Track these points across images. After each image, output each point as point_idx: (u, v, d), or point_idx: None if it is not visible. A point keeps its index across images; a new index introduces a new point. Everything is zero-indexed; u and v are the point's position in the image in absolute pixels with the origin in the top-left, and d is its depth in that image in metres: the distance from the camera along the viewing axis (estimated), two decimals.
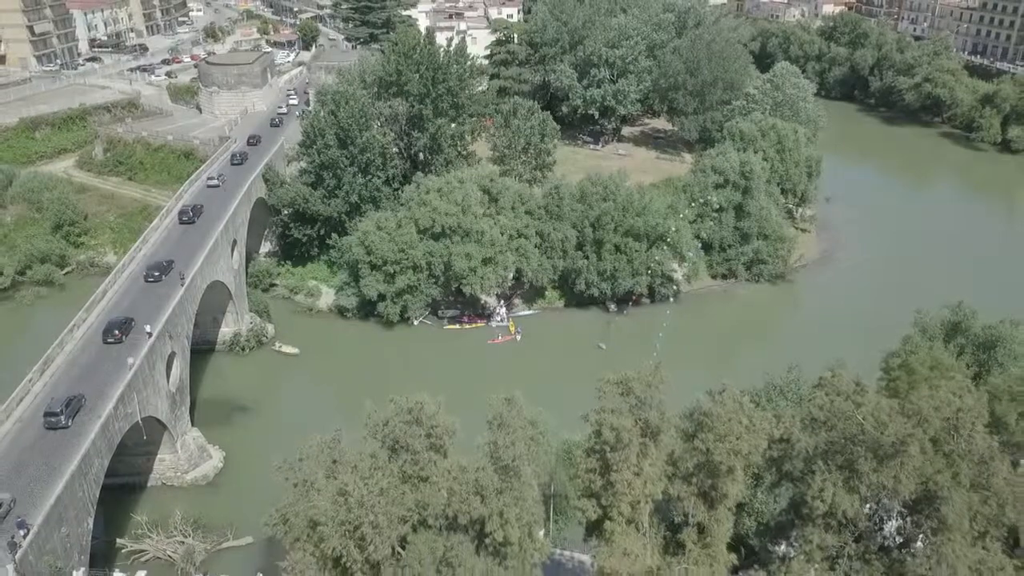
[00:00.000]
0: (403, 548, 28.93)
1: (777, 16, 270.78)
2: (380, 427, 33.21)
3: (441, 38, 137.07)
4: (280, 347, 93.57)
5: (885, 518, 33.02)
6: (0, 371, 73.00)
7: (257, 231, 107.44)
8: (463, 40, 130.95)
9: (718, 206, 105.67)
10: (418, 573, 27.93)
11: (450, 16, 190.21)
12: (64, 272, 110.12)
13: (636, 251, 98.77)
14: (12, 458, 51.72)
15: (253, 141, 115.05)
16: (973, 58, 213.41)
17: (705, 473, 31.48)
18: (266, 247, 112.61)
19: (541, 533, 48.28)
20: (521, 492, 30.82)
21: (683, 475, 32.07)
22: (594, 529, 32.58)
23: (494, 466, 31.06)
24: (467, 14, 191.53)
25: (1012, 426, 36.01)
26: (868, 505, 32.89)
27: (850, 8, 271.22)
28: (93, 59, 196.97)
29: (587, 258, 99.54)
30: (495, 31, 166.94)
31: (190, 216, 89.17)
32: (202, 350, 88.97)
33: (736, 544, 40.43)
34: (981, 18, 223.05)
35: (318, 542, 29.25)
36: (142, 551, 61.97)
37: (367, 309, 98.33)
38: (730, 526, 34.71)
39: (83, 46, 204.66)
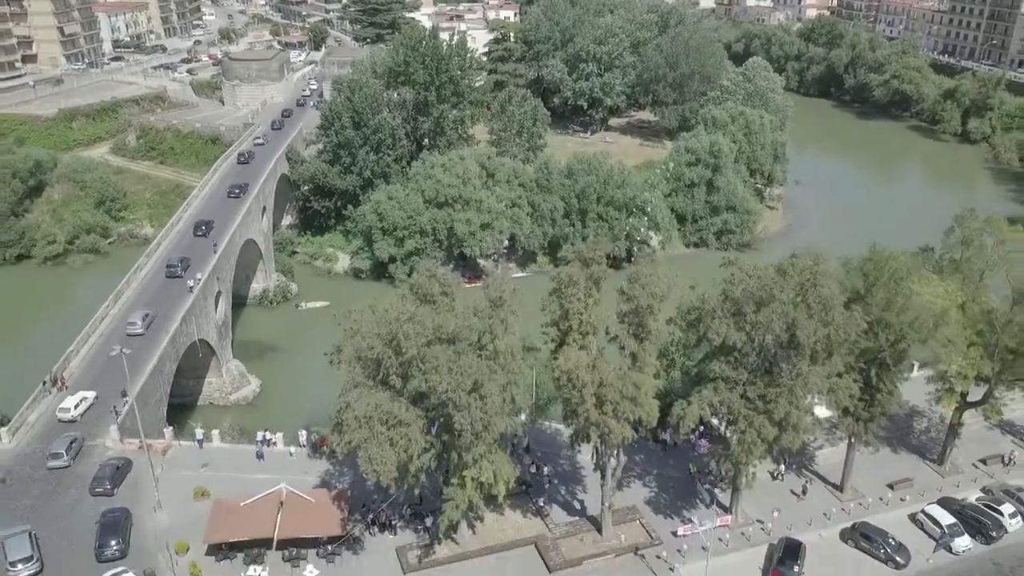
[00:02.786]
0: (423, 360, 42.03)
1: (763, 20, 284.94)
2: (412, 285, 46.97)
3: (443, 37, 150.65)
4: (306, 305, 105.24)
5: (766, 351, 46.18)
6: (63, 320, 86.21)
7: (280, 205, 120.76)
8: (464, 36, 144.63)
9: (689, 181, 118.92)
10: (434, 367, 41.01)
11: (451, 18, 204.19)
12: (108, 242, 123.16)
13: (616, 219, 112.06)
14: (102, 360, 64.83)
15: (286, 113, 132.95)
16: (942, 57, 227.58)
17: (634, 314, 44.52)
18: (287, 220, 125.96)
19: (523, 415, 61.76)
20: (507, 319, 44.00)
21: (619, 317, 45.20)
22: (556, 353, 45.62)
23: (489, 302, 44.35)
24: (467, 16, 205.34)
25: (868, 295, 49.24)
26: (754, 341, 45.94)
27: (832, 12, 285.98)
28: (117, 58, 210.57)
29: (573, 226, 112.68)
30: (492, 30, 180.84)
31: (246, 159, 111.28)
32: (236, 303, 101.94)
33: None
34: (950, 20, 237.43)
35: (365, 351, 42.33)
36: None
37: (379, 271, 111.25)
38: (655, 362, 47.98)
39: (107, 47, 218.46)
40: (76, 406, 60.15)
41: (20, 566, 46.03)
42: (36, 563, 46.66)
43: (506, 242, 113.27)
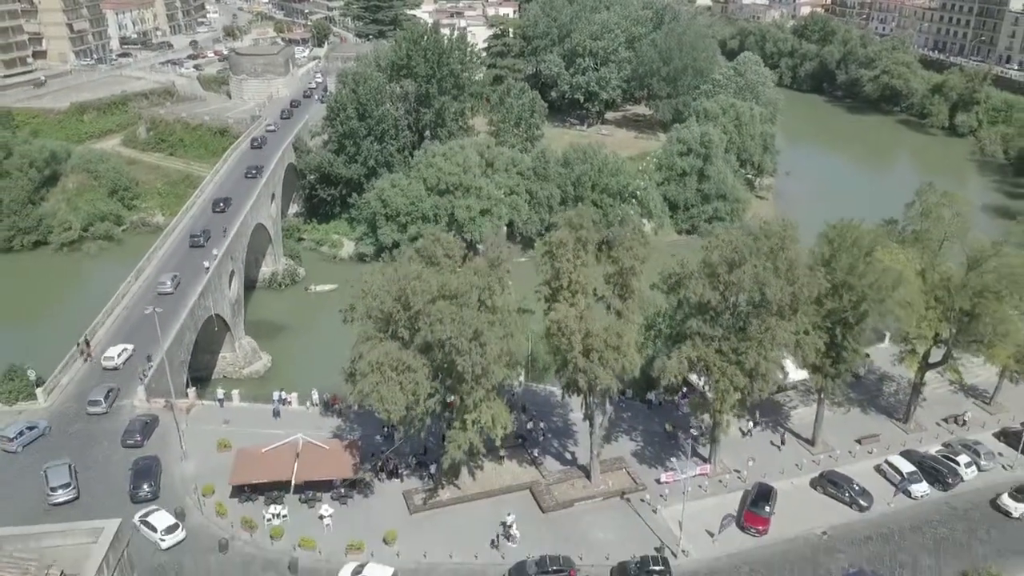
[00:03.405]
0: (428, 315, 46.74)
1: (758, 17, 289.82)
2: (419, 248, 51.89)
3: (443, 32, 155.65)
4: (315, 288, 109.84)
5: (738, 309, 50.98)
6: (81, 303, 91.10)
7: (287, 194, 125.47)
8: (464, 31, 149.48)
9: (681, 170, 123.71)
10: (439, 319, 45.66)
11: (451, 15, 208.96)
12: (121, 229, 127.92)
13: (611, 206, 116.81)
14: (134, 319, 69.98)
15: (295, 104, 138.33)
16: (932, 53, 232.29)
17: (619, 275, 49.26)
18: (294, 208, 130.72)
19: (521, 373, 66.58)
20: (502, 279, 48.77)
21: (605, 278, 49.92)
22: (548, 308, 50.39)
23: (487, 263, 49.21)
24: (467, 13, 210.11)
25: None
26: (728, 300, 50.62)
27: (826, 9, 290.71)
28: (124, 55, 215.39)
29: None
30: (492, 26, 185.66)
31: (259, 143, 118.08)
32: (246, 286, 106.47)
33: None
34: (941, 17, 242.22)
35: (376, 306, 47.04)
36: None
37: (383, 256, 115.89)
38: (639, 319, 52.77)
39: (114, 43, 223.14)
40: (119, 355, 66.80)
41: (60, 491, 51.53)
42: (73, 490, 52.06)
43: (504, 228, 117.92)
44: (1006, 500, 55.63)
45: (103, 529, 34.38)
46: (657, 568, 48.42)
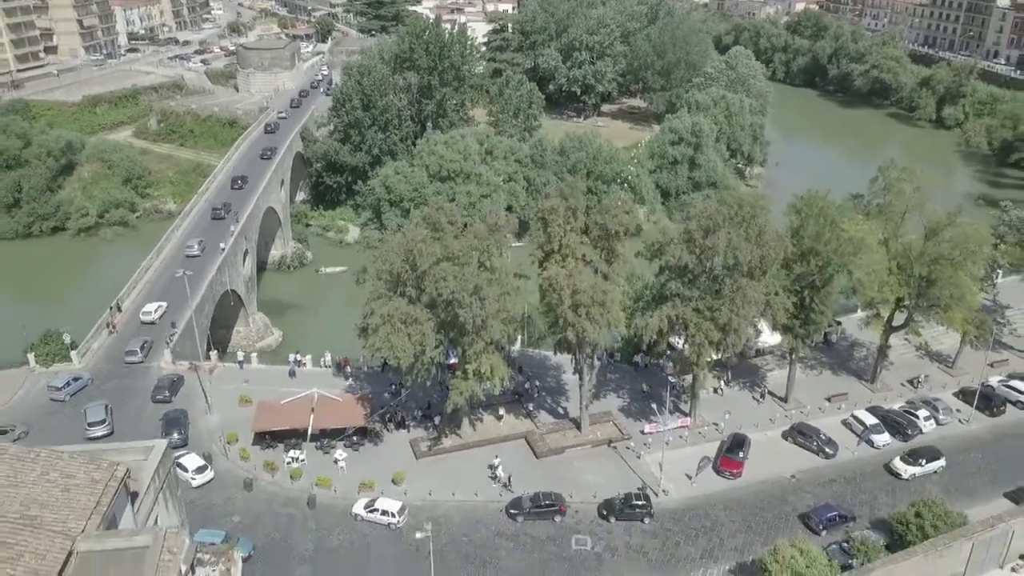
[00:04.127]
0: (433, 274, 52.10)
1: (753, 13, 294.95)
2: (425, 216, 57.38)
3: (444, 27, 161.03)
4: (325, 269, 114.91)
5: (713, 271, 56.39)
6: (101, 284, 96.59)
7: (294, 182, 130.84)
8: (464, 24, 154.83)
9: (673, 159, 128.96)
10: (443, 277, 50.85)
11: (452, 11, 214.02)
12: (135, 216, 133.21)
13: (605, 192, 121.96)
14: (163, 282, 75.96)
15: (303, 94, 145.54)
16: (922, 48, 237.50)
17: (603, 239, 54.65)
18: (301, 196, 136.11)
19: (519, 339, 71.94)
20: (500, 242, 54.14)
21: (592, 243, 55.36)
22: (541, 268, 55.88)
23: (486, 228, 54.70)
24: (467, 9, 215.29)
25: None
26: (704, 263, 55.91)
27: (820, 6, 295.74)
28: (132, 50, 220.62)
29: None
30: (491, 22, 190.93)
31: (273, 128, 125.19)
32: (257, 268, 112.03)
33: None
34: (931, 13, 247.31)
35: (386, 267, 52.42)
36: None
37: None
38: (624, 283, 58.13)
39: (122, 39, 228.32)
40: (155, 311, 73.34)
41: (97, 427, 57.32)
42: (108, 426, 57.82)
43: (504, 213, 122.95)
44: (897, 463, 59.35)
45: (153, 448, 39.73)
46: (640, 503, 53.83)
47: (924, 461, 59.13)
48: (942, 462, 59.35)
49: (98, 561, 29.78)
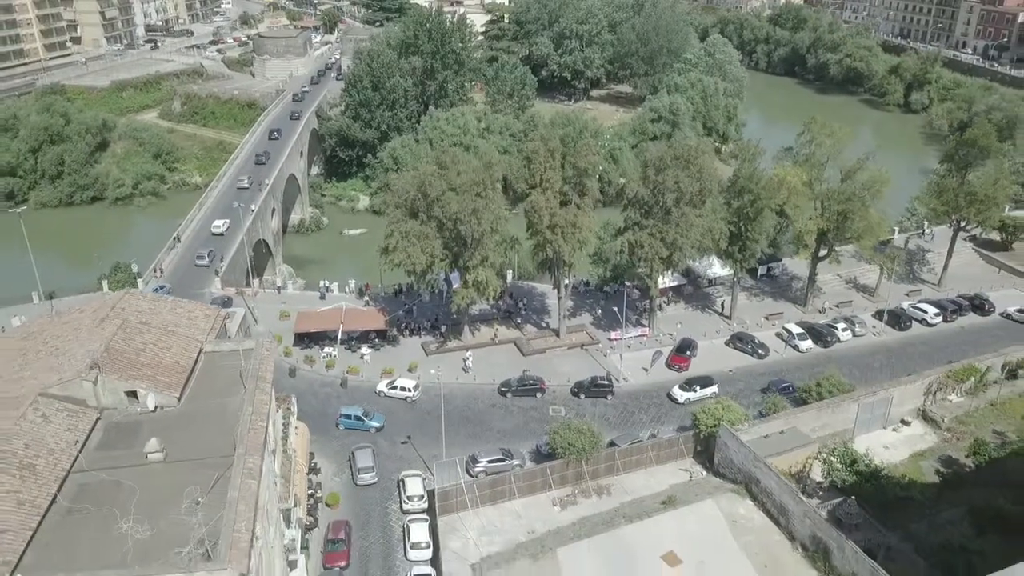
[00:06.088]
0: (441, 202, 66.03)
1: (739, 7, 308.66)
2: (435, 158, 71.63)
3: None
4: (347, 231, 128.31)
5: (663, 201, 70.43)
6: (146, 238, 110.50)
7: (310, 155, 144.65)
8: (463, 15, 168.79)
9: (652, 135, 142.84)
10: (448, 203, 64.71)
11: (452, 3, 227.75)
12: (166, 188, 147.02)
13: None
14: (220, 208, 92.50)
15: (314, 81, 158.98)
16: (897, 40, 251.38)
17: (576, 176, 68.70)
18: (315, 169, 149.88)
19: (509, 273, 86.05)
20: (493, 176, 68.28)
21: (565, 180, 69.38)
22: (525, 198, 69.97)
23: (483, 165, 68.89)
24: (465, 1, 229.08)
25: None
26: (656, 195, 69.79)
27: (804, 0, 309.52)
28: (150, 41, 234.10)
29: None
30: (488, 12, 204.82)
31: (299, 97, 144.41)
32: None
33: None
34: (906, 6, 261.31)
35: (402, 196, 66.38)
36: None
37: None
38: (594, 217, 72.43)
39: (140, 31, 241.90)
40: (223, 224, 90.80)
41: (366, 473, 57.00)
42: (375, 475, 57.08)
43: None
44: (676, 391, 67.65)
45: (236, 312, 54.08)
46: (604, 383, 68.07)
47: (699, 387, 67.41)
48: (715, 388, 67.62)
49: (217, 358, 44.08)
